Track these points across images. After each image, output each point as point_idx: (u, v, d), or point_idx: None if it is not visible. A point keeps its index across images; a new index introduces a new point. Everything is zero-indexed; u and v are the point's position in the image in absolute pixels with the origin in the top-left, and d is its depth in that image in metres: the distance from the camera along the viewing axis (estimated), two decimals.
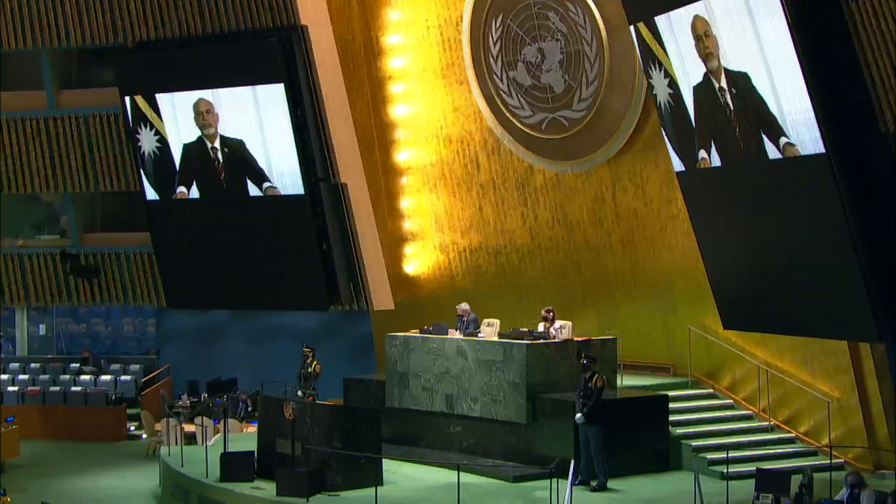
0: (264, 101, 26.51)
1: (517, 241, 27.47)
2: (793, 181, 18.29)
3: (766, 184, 18.93)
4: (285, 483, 19.92)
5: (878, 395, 21.52)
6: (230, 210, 27.15)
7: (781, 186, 18.56)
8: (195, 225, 27.46)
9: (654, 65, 21.17)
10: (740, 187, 19.42)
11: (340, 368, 27.52)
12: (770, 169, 18.76)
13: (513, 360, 21.72)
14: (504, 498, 19.76)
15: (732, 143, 19.53)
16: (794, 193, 18.28)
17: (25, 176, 30.28)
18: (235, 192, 27.15)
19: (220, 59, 26.76)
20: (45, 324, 34.75)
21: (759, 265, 19.49)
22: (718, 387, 24.16)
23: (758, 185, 19.03)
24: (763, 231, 19.13)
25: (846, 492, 17.38)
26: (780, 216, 18.74)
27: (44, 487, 23.99)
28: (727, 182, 19.65)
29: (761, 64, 18.48)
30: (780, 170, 18.51)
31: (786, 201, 18.54)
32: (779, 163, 18.50)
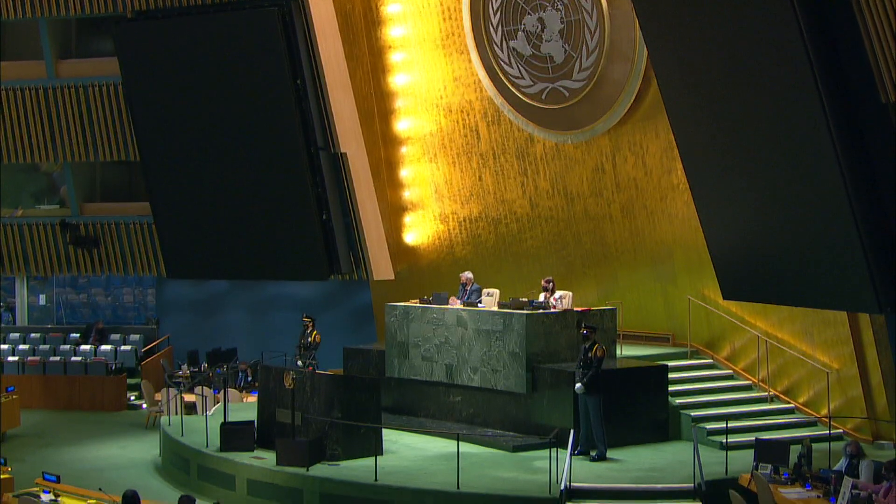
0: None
1: (517, 211, 27.45)
2: (793, 152, 18.26)
3: (766, 154, 18.90)
4: (285, 452, 19.94)
5: (878, 366, 21.55)
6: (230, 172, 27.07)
7: (782, 157, 18.53)
8: (195, 194, 27.40)
9: None
10: (741, 158, 19.39)
11: (340, 338, 27.56)
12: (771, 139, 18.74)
13: (512, 330, 21.74)
14: (503, 467, 19.79)
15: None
16: (794, 164, 18.25)
17: (25, 146, 30.21)
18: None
19: (220, 28, 26.65)
20: (44, 294, 34.75)
21: (758, 236, 19.46)
22: (718, 357, 24.19)
23: (758, 154, 18.99)
24: (763, 201, 19.10)
25: (845, 462, 17.41)
26: (780, 186, 18.71)
27: (44, 457, 24.03)
28: (727, 150, 19.61)
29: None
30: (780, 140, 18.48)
31: (786, 171, 18.50)
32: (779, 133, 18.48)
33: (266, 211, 26.51)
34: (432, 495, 18.38)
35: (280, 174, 26.14)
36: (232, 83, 26.25)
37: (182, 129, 27.11)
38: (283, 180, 26.07)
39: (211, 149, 26.89)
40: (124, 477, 21.87)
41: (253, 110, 26.08)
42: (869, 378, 21.72)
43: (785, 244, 18.90)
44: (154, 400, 27.95)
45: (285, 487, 19.57)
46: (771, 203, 18.99)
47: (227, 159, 26.93)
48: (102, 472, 22.52)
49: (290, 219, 26.29)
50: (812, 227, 18.17)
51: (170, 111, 27.17)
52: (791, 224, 18.66)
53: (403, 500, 18.42)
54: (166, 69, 27.07)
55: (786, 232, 18.83)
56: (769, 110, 18.50)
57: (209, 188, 27.20)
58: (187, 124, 26.97)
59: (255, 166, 26.36)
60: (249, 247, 27.13)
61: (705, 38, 19.33)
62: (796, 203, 18.44)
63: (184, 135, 27.13)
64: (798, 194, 18.32)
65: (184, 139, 27.16)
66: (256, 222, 26.76)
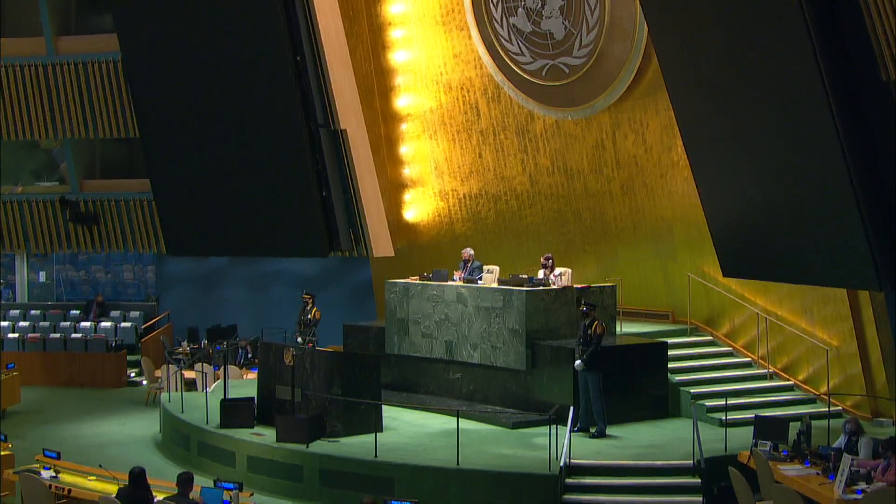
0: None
1: (517, 187, 27.45)
2: (793, 129, 18.23)
3: (766, 131, 18.87)
4: (285, 429, 19.97)
5: (877, 343, 21.57)
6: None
7: (782, 134, 18.50)
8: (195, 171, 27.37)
9: None
10: (741, 135, 19.36)
11: (340, 315, 27.58)
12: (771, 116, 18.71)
13: (512, 306, 21.75)
14: (503, 444, 19.82)
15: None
16: (794, 138, 18.23)
17: (24, 122, 30.18)
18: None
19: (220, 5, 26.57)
20: (44, 271, 34.76)
21: (758, 213, 19.45)
22: (718, 334, 24.22)
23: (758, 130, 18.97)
24: (763, 178, 19.08)
25: (844, 439, 17.43)
26: (780, 163, 18.70)
27: (44, 434, 24.07)
28: (727, 127, 19.59)
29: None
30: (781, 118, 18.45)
31: (786, 149, 18.48)
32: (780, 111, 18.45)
33: (266, 188, 26.47)
34: (432, 472, 18.41)
35: (280, 151, 26.09)
36: (232, 60, 26.17)
37: (182, 105, 27.02)
38: (283, 157, 26.02)
39: (211, 126, 26.83)
40: (124, 453, 21.92)
41: (253, 87, 26.00)
42: (868, 355, 21.74)
43: (785, 221, 18.89)
44: (154, 376, 27.98)
45: (285, 464, 19.61)
46: (771, 180, 18.97)
47: (227, 136, 26.87)
48: (103, 448, 22.55)
49: (290, 195, 26.25)
50: (812, 204, 18.15)
51: (170, 88, 27.09)
52: (791, 201, 18.64)
53: (403, 477, 18.45)
54: (166, 46, 26.98)
55: (786, 209, 18.81)
56: (770, 88, 18.46)
57: (209, 165, 27.15)
58: (187, 101, 26.89)
59: (255, 143, 26.30)
60: (249, 223, 27.09)
61: (706, 16, 19.28)
62: (796, 180, 18.42)
63: (184, 112, 27.06)
64: (798, 172, 18.30)
65: (184, 116, 27.08)
66: (256, 199, 26.72)
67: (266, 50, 25.84)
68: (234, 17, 26.06)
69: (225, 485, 15.71)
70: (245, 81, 26.10)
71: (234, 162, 26.69)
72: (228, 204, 26.97)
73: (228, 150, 26.71)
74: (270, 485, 19.58)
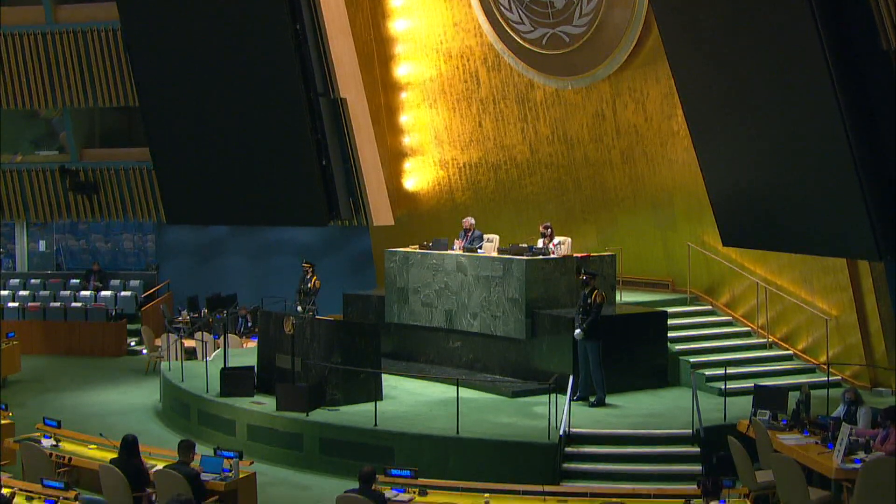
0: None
1: (517, 156, 27.43)
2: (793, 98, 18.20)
3: (767, 100, 18.84)
4: (285, 398, 20.00)
5: (877, 313, 21.57)
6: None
7: (782, 103, 18.47)
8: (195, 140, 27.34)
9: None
10: (742, 100, 19.33)
11: (340, 284, 27.61)
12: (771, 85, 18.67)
13: (512, 275, 21.75)
14: (503, 413, 19.85)
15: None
16: (794, 108, 18.19)
17: (24, 91, 30.14)
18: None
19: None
20: (44, 240, 34.77)
21: (759, 182, 19.42)
22: (717, 303, 24.23)
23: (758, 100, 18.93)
24: (763, 147, 19.05)
25: (843, 409, 17.46)
26: (780, 133, 18.66)
27: (44, 403, 24.11)
28: (728, 96, 19.55)
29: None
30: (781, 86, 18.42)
31: (786, 118, 18.45)
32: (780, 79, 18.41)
33: (266, 157, 26.44)
34: (431, 440, 18.44)
35: (280, 120, 26.04)
36: (231, 28, 26.10)
37: (181, 74, 26.95)
38: (283, 126, 25.98)
39: (210, 95, 26.76)
40: (125, 422, 21.96)
41: (252, 56, 25.93)
42: (868, 325, 21.75)
43: (785, 191, 18.87)
44: (154, 345, 28.02)
45: (285, 432, 19.65)
46: (771, 149, 18.94)
47: (227, 105, 26.81)
48: (103, 417, 22.60)
49: (290, 164, 26.21)
50: (812, 173, 18.13)
51: (169, 56, 27.01)
52: (791, 171, 18.62)
53: (403, 446, 18.49)
54: (165, 14, 26.88)
55: (786, 178, 18.79)
56: (770, 57, 18.41)
57: (209, 134, 27.10)
58: (186, 69, 26.81)
59: (255, 112, 26.24)
60: (249, 192, 27.06)
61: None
62: (797, 150, 18.39)
63: (183, 80, 26.98)
64: (798, 141, 18.26)
65: (183, 85, 27.01)
66: (256, 168, 26.69)
67: (266, 19, 25.76)
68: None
69: (225, 453, 15.74)
70: (245, 50, 26.04)
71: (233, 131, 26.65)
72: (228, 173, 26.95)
73: (228, 118, 26.67)
74: (270, 453, 19.62)
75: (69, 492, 14.38)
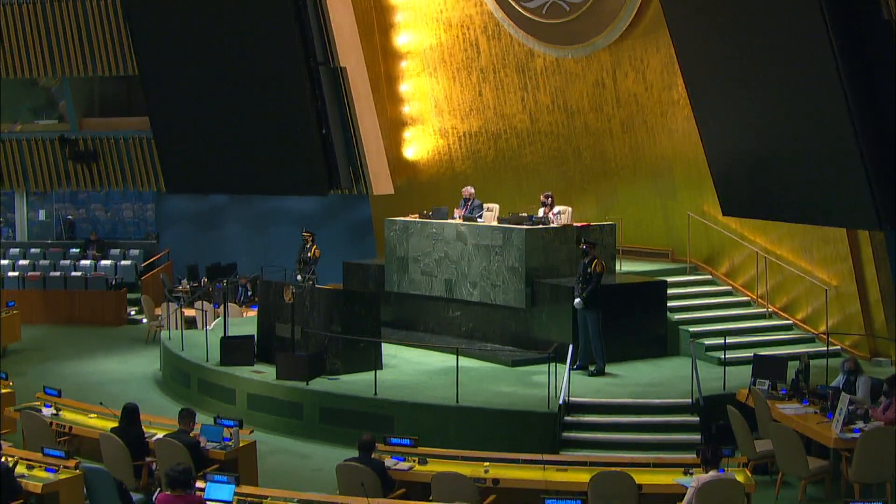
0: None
1: (517, 125, 27.39)
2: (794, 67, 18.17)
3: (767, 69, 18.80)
4: (285, 367, 20.03)
5: (876, 283, 21.58)
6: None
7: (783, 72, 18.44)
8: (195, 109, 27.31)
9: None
10: (742, 69, 19.30)
11: (340, 253, 27.63)
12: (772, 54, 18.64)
13: (512, 245, 21.75)
14: (502, 382, 19.87)
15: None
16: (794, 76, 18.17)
17: (23, 60, 30.09)
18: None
19: None
20: (44, 209, 34.76)
21: (759, 151, 19.40)
22: (717, 273, 24.24)
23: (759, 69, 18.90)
24: (764, 116, 19.03)
25: (842, 378, 17.48)
26: (780, 102, 18.64)
27: (45, 371, 24.14)
28: (728, 66, 19.52)
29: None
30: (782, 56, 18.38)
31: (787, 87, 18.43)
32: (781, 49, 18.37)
33: (265, 126, 26.40)
34: (431, 409, 18.48)
35: (279, 89, 26.00)
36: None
37: (181, 43, 26.88)
38: (283, 95, 25.94)
39: (210, 63, 26.70)
40: (125, 391, 22.00)
41: (252, 24, 25.87)
42: (867, 295, 21.76)
43: (785, 160, 18.85)
44: (154, 314, 28.05)
45: (285, 401, 19.69)
46: (772, 119, 18.92)
47: (227, 74, 26.75)
48: (103, 386, 22.64)
49: (290, 133, 26.19)
50: (813, 143, 18.11)
51: (168, 25, 26.94)
52: (791, 140, 18.60)
53: (403, 414, 18.52)
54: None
55: (786, 148, 18.77)
56: (771, 26, 18.37)
57: (208, 103, 27.05)
58: (186, 38, 26.75)
59: (255, 81, 26.20)
60: (249, 161, 27.04)
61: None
62: (797, 119, 18.37)
63: (183, 49, 26.92)
64: (799, 110, 18.24)
65: (183, 53, 26.95)
66: (256, 137, 26.65)
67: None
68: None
69: (225, 422, 15.78)
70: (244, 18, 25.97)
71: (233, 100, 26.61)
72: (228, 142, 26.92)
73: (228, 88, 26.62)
74: (270, 422, 19.66)
75: (70, 460, 14.41)
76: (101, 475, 14.20)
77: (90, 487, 14.19)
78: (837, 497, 15.41)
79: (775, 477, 16.02)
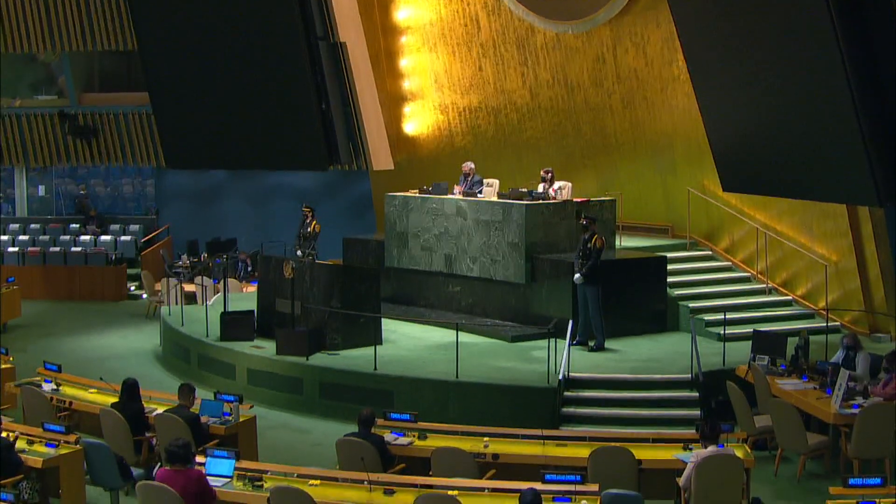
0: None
1: (517, 101, 27.36)
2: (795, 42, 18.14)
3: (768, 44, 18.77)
4: (285, 342, 20.05)
5: (876, 259, 21.60)
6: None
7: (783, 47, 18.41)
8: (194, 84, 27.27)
9: None
10: (742, 45, 19.26)
11: (340, 228, 27.60)
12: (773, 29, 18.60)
13: (512, 220, 21.75)
14: (502, 357, 19.89)
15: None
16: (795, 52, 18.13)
17: (22, 35, 30.02)
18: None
19: None
20: (44, 185, 34.72)
21: (759, 127, 19.38)
22: (717, 249, 24.24)
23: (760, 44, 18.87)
24: (764, 92, 19.00)
25: (842, 354, 17.49)
26: (781, 77, 18.61)
27: (45, 347, 24.15)
28: (729, 41, 19.49)
29: None
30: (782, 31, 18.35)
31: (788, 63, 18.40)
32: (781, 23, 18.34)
33: (265, 101, 26.36)
34: (431, 384, 18.50)
35: (279, 64, 25.95)
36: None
37: (180, 17, 26.81)
38: (283, 70, 25.89)
39: (210, 39, 26.65)
40: (125, 366, 22.01)
41: None
42: (867, 271, 21.77)
43: (785, 136, 18.83)
44: (154, 290, 28.06)
45: (285, 376, 19.72)
46: (772, 94, 18.89)
47: (226, 50, 26.71)
48: (103, 361, 22.65)
49: (290, 109, 26.16)
50: (813, 118, 18.09)
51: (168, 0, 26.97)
52: (792, 116, 18.57)
53: (402, 389, 18.55)
54: None
55: (786, 124, 18.75)
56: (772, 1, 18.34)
57: (208, 78, 27.00)
58: (185, 13, 26.68)
59: (255, 57, 26.16)
60: (249, 137, 27.01)
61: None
62: (797, 95, 18.34)
63: (182, 24, 26.86)
64: (800, 85, 18.21)
65: (182, 28, 26.89)
66: (255, 112, 26.61)
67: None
68: None
69: (225, 397, 15.79)
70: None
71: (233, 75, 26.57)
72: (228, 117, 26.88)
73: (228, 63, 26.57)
74: (270, 397, 19.69)
75: (70, 435, 14.43)
76: (101, 450, 14.23)
77: (90, 462, 14.22)
78: (836, 473, 15.43)
79: (774, 453, 16.06)
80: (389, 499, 12.54)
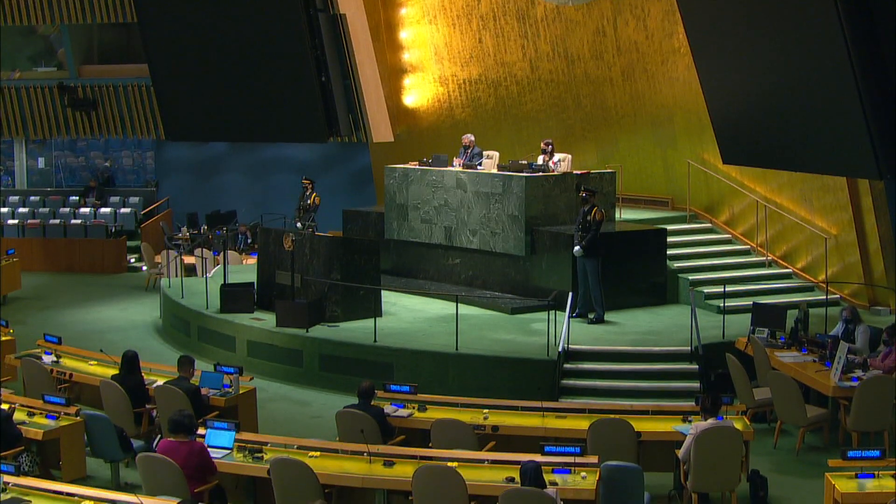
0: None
1: (517, 73, 27.30)
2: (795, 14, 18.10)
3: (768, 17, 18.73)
4: (285, 314, 20.06)
5: (876, 232, 21.59)
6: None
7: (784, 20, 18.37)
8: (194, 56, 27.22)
9: None
10: (742, 17, 19.22)
11: (339, 200, 27.61)
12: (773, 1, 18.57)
13: (511, 192, 21.73)
14: (502, 329, 19.91)
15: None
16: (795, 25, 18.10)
17: (21, 7, 29.95)
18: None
19: None
20: (43, 157, 34.69)
21: (759, 100, 19.36)
22: (717, 221, 24.24)
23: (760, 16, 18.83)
24: (764, 65, 18.97)
25: (841, 327, 17.53)
26: (781, 50, 18.58)
27: (45, 319, 24.17)
28: (729, 13, 19.44)
29: None
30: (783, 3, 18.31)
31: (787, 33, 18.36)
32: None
33: (265, 73, 26.32)
34: (431, 356, 18.53)
35: (279, 36, 25.92)
36: None
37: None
38: (282, 42, 25.85)
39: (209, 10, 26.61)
40: (125, 338, 22.04)
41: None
42: (867, 244, 21.77)
43: (786, 109, 18.81)
44: (154, 262, 28.06)
45: (285, 349, 19.74)
46: (772, 67, 18.86)
47: (226, 21, 26.66)
48: (103, 333, 22.68)
49: (289, 81, 26.11)
50: (814, 91, 18.06)
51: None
52: (792, 89, 18.55)
53: (402, 362, 18.57)
54: None
55: (787, 96, 18.72)
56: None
57: (208, 50, 26.94)
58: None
59: (254, 28, 26.12)
60: (248, 109, 26.97)
61: None
62: (798, 67, 18.31)
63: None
64: (800, 58, 18.19)
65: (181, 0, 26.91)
66: (255, 84, 26.57)
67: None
68: None
69: (225, 369, 15.82)
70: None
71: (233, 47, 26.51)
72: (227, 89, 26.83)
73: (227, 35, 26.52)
74: (270, 369, 19.72)
75: (70, 407, 14.46)
76: (101, 422, 14.27)
77: (91, 434, 14.27)
78: (835, 445, 15.48)
79: (774, 425, 16.09)
80: (389, 470, 12.58)
